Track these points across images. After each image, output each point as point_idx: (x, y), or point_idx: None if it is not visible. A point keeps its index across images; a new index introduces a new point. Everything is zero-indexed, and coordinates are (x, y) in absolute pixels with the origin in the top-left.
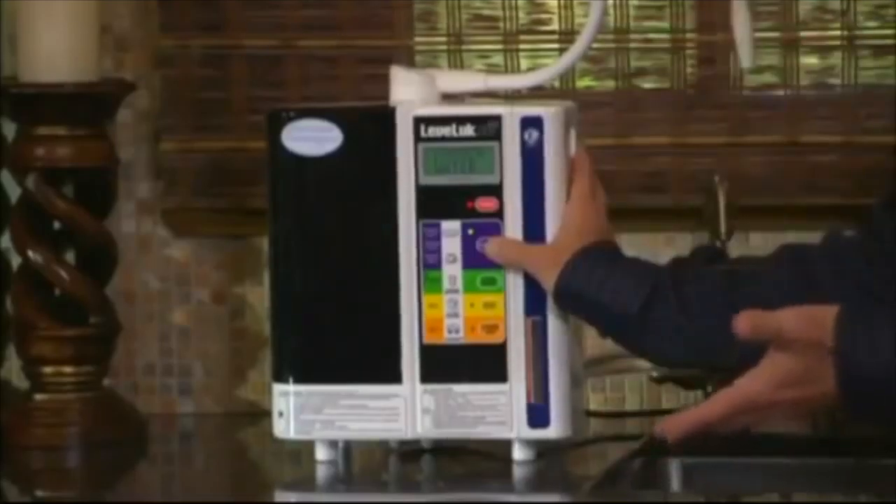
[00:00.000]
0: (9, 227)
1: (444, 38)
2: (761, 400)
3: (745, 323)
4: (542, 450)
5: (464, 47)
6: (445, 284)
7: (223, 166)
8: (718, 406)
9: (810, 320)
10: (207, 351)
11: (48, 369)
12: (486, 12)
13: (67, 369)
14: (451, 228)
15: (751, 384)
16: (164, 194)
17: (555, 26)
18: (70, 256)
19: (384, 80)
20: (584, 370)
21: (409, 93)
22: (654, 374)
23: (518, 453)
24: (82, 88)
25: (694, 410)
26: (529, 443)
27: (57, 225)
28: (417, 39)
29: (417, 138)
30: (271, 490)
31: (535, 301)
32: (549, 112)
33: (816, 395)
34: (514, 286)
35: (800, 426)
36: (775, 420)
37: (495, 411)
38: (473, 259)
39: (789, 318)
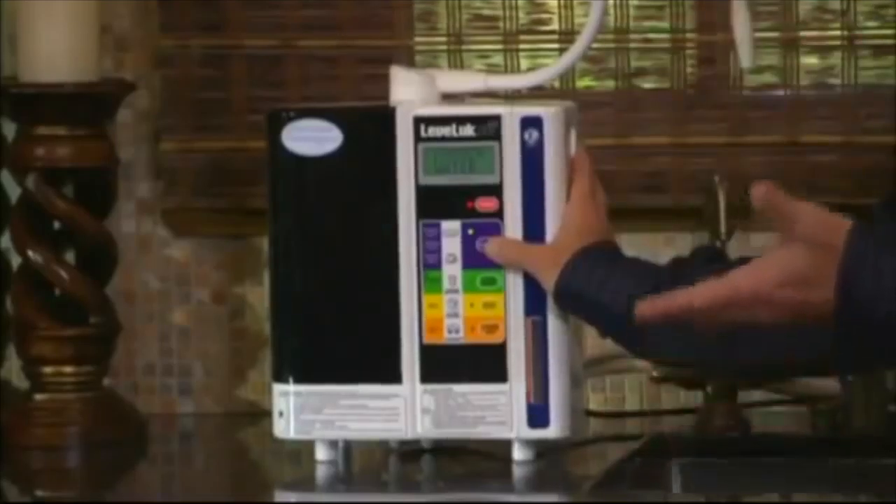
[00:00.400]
0: (9, 227)
1: (444, 38)
2: (762, 293)
3: (763, 190)
4: (542, 450)
5: (464, 47)
6: (445, 284)
7: (223, 166)
8: (708, 292)
9: (826, 222)
10: (207, 351)
11: (48, 369)
12: (486, 12)
13: (67, 369)
14: (451, 228)
15: (754, 275)
16: (164, 194)
17: (555, 26)
18: (70, 256)
19: (384, 80)
20: (584, 370)
21: (409, 93)
22: (654, 374)
23: (518, 453)
24: (82, 88)
25: (674, 297)
26: (529, 443)
27: (57, 225)
28: (417, 39)
29: (417, 138)
30: (271, 490)
31: (535, 301)
32: (549, 112)
33: (816, 301)
34: (514, 286)
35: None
36: (766, 323)
37: (495, 411)
38: (473, 259)
39: (807, 213)
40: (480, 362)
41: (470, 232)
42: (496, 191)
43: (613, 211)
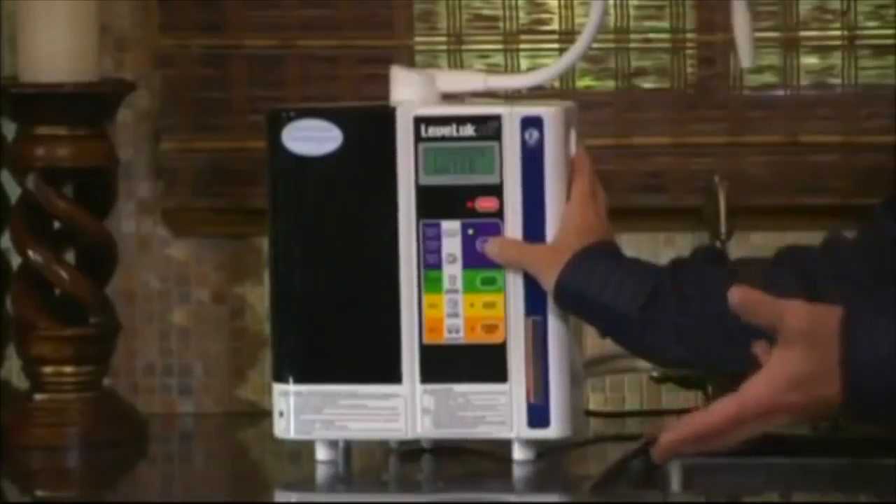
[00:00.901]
0: (9, 227)
1: (444, 38)
2: (773, 404)
3: (739, 295)
4: (542, 450)
5: (464, 47)
6: (445, 284)
7: (223, 166)
8: (720, 412)
9: (817, 316)
10: (207, 351)
11: (48, 369)
12: (486, 12)
13: (67, 369)
14: (451, 228)
15: (763, 388)
16: (164, 194)
17: (555, 26)
18: (70, 256)
19: (384, 80)
20: (584, 370)
21: (409, 93)
22: (654, 374)
23: (518, 453)
24: (82, 88)
25: (688, 424)
26: (529, 443)
27: (57, 225)
28: (417, 39)
29: (417, 138)
30: (271, 490)
31: (535, 301)
32: (549, 112)
33: (825, 396)
34: (514, 286)
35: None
36: (779, 424)
37: (495, 411)
38: (473, 259)
39: (794, 309)
40: (480, 362)
41: (470, 232)
42: (496, 191)
43: (613, 211)
